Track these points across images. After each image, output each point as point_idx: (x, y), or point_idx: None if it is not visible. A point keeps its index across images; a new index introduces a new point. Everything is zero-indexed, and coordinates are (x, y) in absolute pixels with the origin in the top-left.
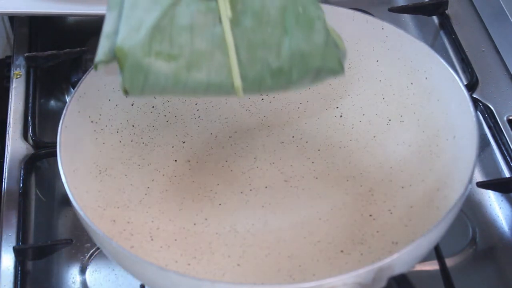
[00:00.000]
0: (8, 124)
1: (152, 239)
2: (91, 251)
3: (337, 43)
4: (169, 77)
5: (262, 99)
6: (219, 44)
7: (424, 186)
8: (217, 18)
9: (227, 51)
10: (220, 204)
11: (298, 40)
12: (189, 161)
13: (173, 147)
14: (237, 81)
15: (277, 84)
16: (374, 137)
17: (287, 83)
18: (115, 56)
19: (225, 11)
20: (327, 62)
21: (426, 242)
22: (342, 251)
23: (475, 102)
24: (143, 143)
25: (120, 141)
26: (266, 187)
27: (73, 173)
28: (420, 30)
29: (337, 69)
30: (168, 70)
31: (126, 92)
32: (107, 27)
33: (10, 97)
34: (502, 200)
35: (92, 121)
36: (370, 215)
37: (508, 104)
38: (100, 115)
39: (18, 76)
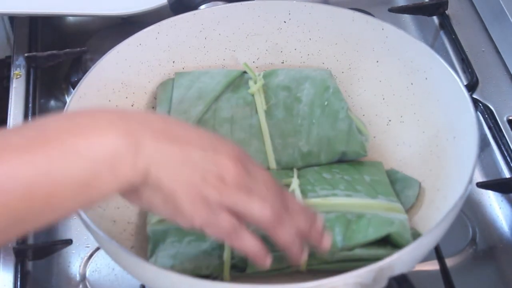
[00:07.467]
0: (8, 124)
1: None
2: (91, 251)
3: (361, 129)
4: None
5: None
6: (255, 133)
7: (424, 186)
8: (254, 110)
9: (262, 138)
10: None
11: (325, 128)
12: None
13: None
14: (272, 165)
15: (307, 165)
16: (374, 137)
17: (316, 164)
18: None
19: (261, 104)
20: (351, 146)
21: (426, 242)
22: None
23: (475, 102)
24: None
25: None
26: None
27: None
28: (420, 30)
29: (361, 152)
30: None
31: None
32: None
33: (10, 97)
34: (502, 200)
35: None
36: None
37: (508, 104)
38: None
39: (18, 76)
